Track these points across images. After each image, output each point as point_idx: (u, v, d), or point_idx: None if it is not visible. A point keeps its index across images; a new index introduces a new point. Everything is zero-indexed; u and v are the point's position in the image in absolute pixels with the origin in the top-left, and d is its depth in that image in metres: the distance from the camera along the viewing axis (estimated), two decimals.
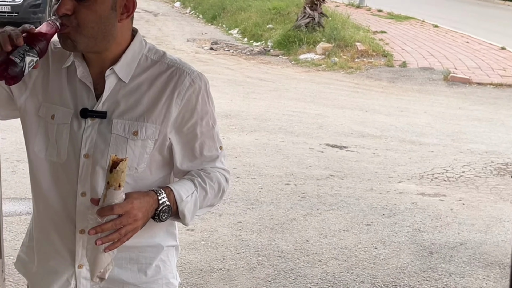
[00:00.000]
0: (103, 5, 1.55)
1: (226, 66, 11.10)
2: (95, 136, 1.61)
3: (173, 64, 1.66)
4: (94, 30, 1.55)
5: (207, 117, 1.68)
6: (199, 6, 17.75)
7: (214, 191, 1.70)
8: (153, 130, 1.62)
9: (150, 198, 1.57)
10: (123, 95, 1.62)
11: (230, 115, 7.62)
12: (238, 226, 4.56)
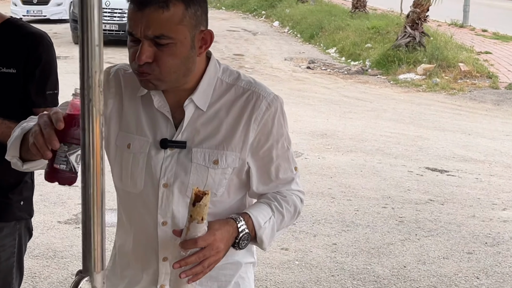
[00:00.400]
0: (183, 47, 1.51)
1: (323, 85, 11.06)
2: (174, 165, 1.60)
3: (248, 87, 1.63)
4: (176, 73, 1.53)
5: (282, 139, 1.66)
6: (297, 25, 17.84)
7: (290, 214, 1.70)
8: (233, 158, 1.61)
9: (230, 227, 1.57)
10: (202, 123, 1.61)
11: (326, 134, 7.56)
12: (333, 248, 4.48)
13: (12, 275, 2.26)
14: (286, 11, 20.02)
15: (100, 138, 0.86)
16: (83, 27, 0.82)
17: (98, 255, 0.90)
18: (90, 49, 0.82)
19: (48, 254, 4.16)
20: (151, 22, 1.46)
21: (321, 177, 6.02)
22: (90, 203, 0.88)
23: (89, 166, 0.86)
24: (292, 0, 21.21)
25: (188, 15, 1.50)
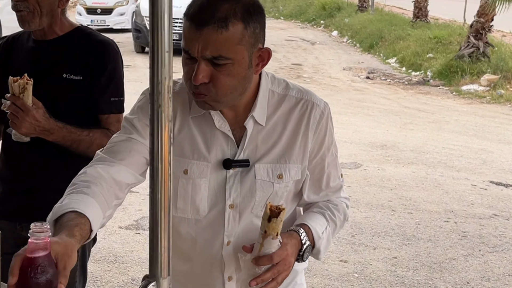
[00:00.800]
0: (240, 67, 1.46)
1: (383, 95, 10.91)
2: (239, 185, 1.57)
3: (300, 96, 1.61)
4: (233, 94, 1.49)
5: (332, 146, 1.67)
6: (356, 35, 17.70)
7: (341, 222, 1.71)
8: (296, 170, 1.60)
9: (296, 241, 1.56)
10: (262, 139, 1.58)
11: (385, 146, 7.44)
12: (393, 262, 4.39)
13: (75, 279, 2.30)
14: (345, 20, 19.90)
15: (169, 143, 0.86)
16: (154, 34, 0.82)
17: (165, 260, 0.90)
18: (160, 55, 0.83)
19: (110, 259, 4.23)
20: (209, 42, 1.41)
21: (380, 189, 5.92)
22: (157, 209, 0.88)
23: (157, 171, 0.86)
24: (351, 10, 21.08)
25: (247, 35, 1.45)
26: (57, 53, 2.20)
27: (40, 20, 2.15)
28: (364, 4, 20.73)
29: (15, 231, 2.27)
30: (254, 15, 1.46)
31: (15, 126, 2.00)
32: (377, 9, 20.49)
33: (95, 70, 2.17)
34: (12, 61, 2.27)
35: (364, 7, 20.64)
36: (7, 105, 1.99)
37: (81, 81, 2.16)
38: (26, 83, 1.97)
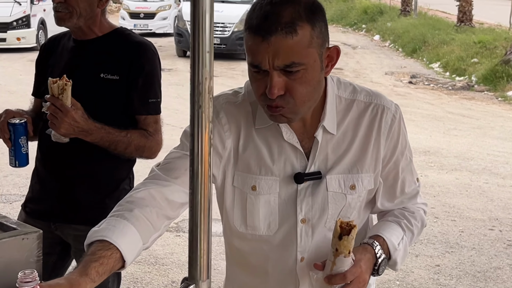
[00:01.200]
0: (314, 72, 1.38)
1: (426, 100, 10.74)
2: (310, 198, 1.50)
3: (369, 100, 1.52)
4: (310, 102, 1.42)
5: (406, 150, 1.58)
6: (399, 39, 17.50)
7: (418, 229, 1.63)
8: (369, 180, 1.52)
9: (370, 255, 1.48)
10: (332, 148, 1.50)
11: (428, 152, 7.31)
12: (436, 270, 4.30)
13: (108, 279, 2.30)
14: (387, 24, 19.70)
15: (209, 145, 0.85)
16: (195, 34, 0.81)
17: (204, 263, 0.89)
18: (201, 55, 0.82)
19: (150, 261, 4.26)
20: (279, 51, 1.32)
21: (423, 195, 5.72)
22: (197, 211, 0.87)
23: (197, 173, 0.85)
24: (394, 14, 20.86)
25: (315, 35, 1.36)
26: (95, 53, 2.22)
27: (78, 20, 2.18)
28: (407, 8, 20.50)
29: (49, 231, 2.28)
30: (316, 14, 1.38)
31: (54, 127, 2.02)
32: (420, 13, 20.22)
33: (132, 71, 2.18)
34: (52, 61, 2.30)
35: (407, 11, 20.40)
36: (47, 106, 2.01)
37: (118, 81, 2.18)
38: (65, 84, 1.99)
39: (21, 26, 14.58)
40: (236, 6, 14.28)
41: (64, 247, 2.34)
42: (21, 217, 2.38)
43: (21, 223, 1.38)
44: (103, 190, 2.26)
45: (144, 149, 2.19)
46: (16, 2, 14.65)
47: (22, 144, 2.15)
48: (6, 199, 5.27)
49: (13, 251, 1.24)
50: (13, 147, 2.14)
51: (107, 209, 2.26)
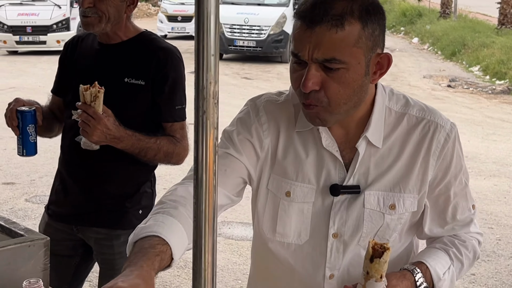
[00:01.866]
0: (355, 74, 1.29)
1: (465, 104, 10.53)
2: (345, 212, 1.41)
3: (422, 115, 1.41)
4: (347, 105, 1.32)
5: (460, 174, 1.45)
6: (438, 42, 17.22)
7: (469, 261, 1.51)
8: (411, 201, 1.42)
9: (408, 282, 1.38)
10: (375, 162, 1.41)
11: (466, 157, 7.09)
12: (471, 279, 4.18)
13: None
14: (426, 27, 19.42)
15: (214, 152, 0.81)
16: (199, 36, 0.77)
17: (208, 276, 0.85)
18: (206, 59, 0.78)
19: (180, 264, 4.24)
20: (321, 43, 1.25)
21: None
22: (201, 221, 0.83)
23: (201, 182, 0.81)
24: (433, 16, 20.55)
25: (364, 36, 1.28)
26: (120, 57, 2.22)
27: (106, 25, 2.17)
28: (447, 11, 20.18)
29: (71, 233, 2.31)
30: (373, 15, 1.29)
31: (86, 135, 2.01)
32: (460, 16, 19.88)
33: (158, 78, 2.16)
34: (77, 61, 2.30)
35: (447, 13, 20.08)
36: (79, 114, 2.00)
37: (143, 86, 2.16)
38: (98, 91, 1.98)
39: (61, 29, 14.85)
40: (272, 9, 14.25)
41: (87, 249, 2.35)
42: (44, 220, 2.40)
43: (29, 230, 1.37)
44: (124, 193, 2.26)
45: (172, 156, 2.18)
46: (56, 5, 14.92)
47: (30, 132, 2.13)
48: (40, 200, 5.34)
49: (19, 259, 1.22)
50: (20, 135, 2.13)
51: (128, 212, 2.28)
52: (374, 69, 1.33)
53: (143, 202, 2.29)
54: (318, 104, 1.30)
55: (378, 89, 1.41)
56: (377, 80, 1.35)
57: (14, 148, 7.88)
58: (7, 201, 5.32)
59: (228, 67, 13.51)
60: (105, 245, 2.27)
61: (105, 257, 2.28)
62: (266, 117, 1.44)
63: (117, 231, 2.25)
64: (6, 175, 6.00)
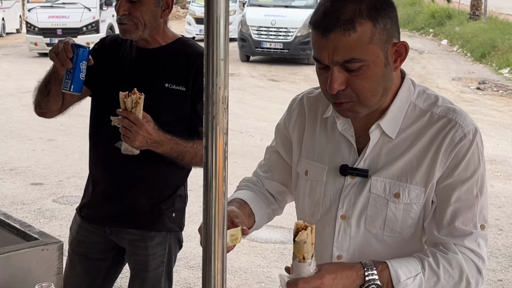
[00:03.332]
0: (376, 68, 1.36)
1: (494, 107, 10.36)
2: (353, 196, 1.46)
3: (445, 114, 1.42)
4: (375, 96, 1.38)
5: (470, 181, 1.40)
6: (467, 44, 17.00)
7: (452, 280, 1.39)
8: (417, 193, 1.42)
9: (353, 273, 1.36)
10: (387, 151, 1.45)
11: (495, 161, 7.04)
12: (499, 284, 4.11)
13: (161, 284, 2.31)
14: (455, 29, 19.18)
15: (223, 157, 0.81)
16: (208, 41, 0.77)
17: (218, 283, 0.84)
18: (215, 63, 0.77)
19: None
20: (338, 47, 1.34)
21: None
22: (211, 227, 0.82)
23: (211, 187, 0.81)
24: (463, 18, 20.29)
25: (377, 32, 1.35)
26: (159, 63, 2.21)
27: (143, 32, 2.17)
28: (476, 12, 19.91)
29: (104, 236, 2.33)
30: (382, 10, 1.36)
31: (128, 140, 2.02)
32: (490, 17, 19.59)
33: (197, 83, 2.16)
34: (112, 61, 2.28)
35: (477, 15, 19.81)
36: (119, 120, 2.01)
37: (184, 92, 2.17)
38: (138, 98, 1.99)
39: (91, 31, 15.04)
40: (299, 11, 14.22)
41: (118, 252, 2.37)
42: (75, 222, 2.41)
43: (44, 233, 1.38)
44: (159, 195, 2.27)
45: None
46: (86, 8, 15.11)
47: (82, 69, 2.10)
48: (68, 201, 5.39)
49: (33, 262, 1.23)
50: (72, 70, 2.09)
51: (163, 215, 2.29)
52: (393, 58, 1.39)
53: (177, 205, 2.31)
54: (349, 100, 1.38)
55: (404, 83, 1.46)
56: (399, 66, 1.42)
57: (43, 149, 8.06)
58: (35, 202, 5.39)
59: (255, 69, 13.51)
60: (139, 246, 2.29)
61: (138, 258, 2.30)
62: (298, 110, 1.60)
63: (151, 233, 2.27)
64: (35, 176, 6.08)
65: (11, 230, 1.41)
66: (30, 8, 15.35)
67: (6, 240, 1.36)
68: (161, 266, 2.29)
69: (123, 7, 2.13)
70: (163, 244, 2.29)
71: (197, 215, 5.05)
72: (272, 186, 1.69)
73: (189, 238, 4.61)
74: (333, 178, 1.49)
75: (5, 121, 8.34)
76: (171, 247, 2.31)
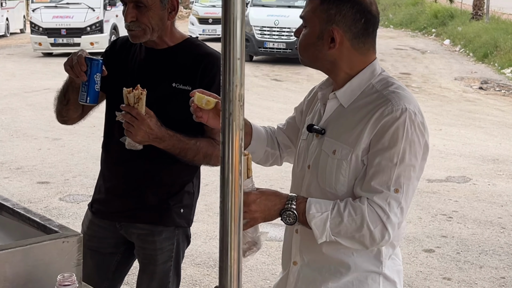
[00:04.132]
0: (311, 33, 1.73)
1: (496, 107, 10.39)
2: (315, 150, 1.76)
3: (387, 95, 1.67)
4: (306, 53, 1.76)
5: (392, 151, 1.63)
6: (469, 44, 17.01)
7: (355, 224, 1.63)
8: (347, 152, 1.68)
9: (277, 199, 1.66)
10: (338, 117, 1.74)
11: (497, 160, 7.06)
12: (501, 282, 4.14)
13: (169, 279, 2.35)
14: (458, 29, 19.19)
15: (239, 153, 0.84)
16: (225, 41, 0.81)
17: (234, 272, 0.88)
18: (232, 62, 0.81)
19: (209, 263, 4.29)
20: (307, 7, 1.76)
21: (490, 205, 5.63)
22: (227, 219, 0.86)
23: (228, 181, 0.85)
24: (465, 18, 20.29)
25: (319, 9, 1.71)
26: (167, 63, 2.26)
27: (151, 35, 2.22)
28: (479, 12, 19.91)
29: (115, 231, 2.37)
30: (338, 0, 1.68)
31: (131, 135, 2.08)
32: (493, 17, 19.60)
33: (204, 82, 2.20)
34: (125, 63, 2.34)
35: (479, 15, 19.82)
36: (123, 115, 2.07)
37: (190, 92, 2.19)
38: (140, 93, 2.05)
39: (95, 31, 15.08)
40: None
41: (128, 246, 2.41)
42: (87, 217, 2.46)
43: (63, 226, 1.42)
44: (167, 191, 2.32)
45: (211, 158, 2.24)
46: (90, 8, 15.15)
47: (97, 81, 2.16)
48: (74, 199, 5.44)
49: (53, 254, 1.27)
50: (87, 82, 2.16)
51: (171, 210, 2.34)
52: (328, 40, 1.70)
53: (185, 201, 2.35)
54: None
55: (368, 67, 1.74)
56: (333, 50, 1.71)
57: (48, 148, 8.08)
58: (42, 200, 5.44)
59: (258, 69, 13.55)
60: (147, 241, 2.33)
61: (146, 252, 2.35)
62: (308, 94, 1.93)
63: (159, 227, 2.32)
64: (41, 175, 6.13)
65: (31, 223, 1.45)
66: (34, 8, 15.41)
67: (27, 233, 1.40)
68: (169, 260, 2.34)
69: (130, 14, 2.18)
70: (171, 239, 2.33)
71: (201, 213, 5.09)
72: (281, 136, 2.00)
73: (195, 236, 4.64)
74: (307, 136, 1.81)
75: (11, 120, 8.40)
76: (179, 242, 2.36)
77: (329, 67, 1.75)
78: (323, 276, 1.76)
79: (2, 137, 7.55)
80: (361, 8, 1.70)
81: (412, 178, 1.66)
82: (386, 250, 1.74)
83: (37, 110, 8.90)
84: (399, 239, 1.78)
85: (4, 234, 1.51)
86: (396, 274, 1.79)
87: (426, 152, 1.70)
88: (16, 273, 1.22)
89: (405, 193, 1.64)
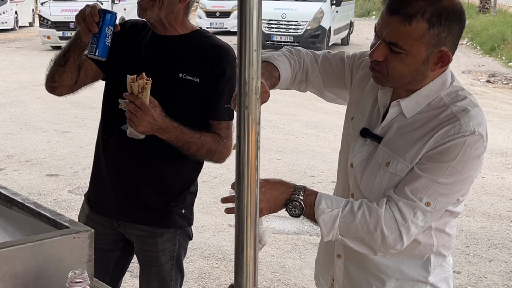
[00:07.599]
0: (414, 60, 1.55)
1: (504, 100, 10.33)
2: (366, 154, 1.66)
3: (456, 111, 1.55)
4: (401, 80, 1.59)
5: (439, 166, 1.53)
6: (477, 37, 16.91)
7: (367, 227, 1.54)
8: (403, 167, 1.57)
9: (284, 188, 1.58)
10: (397, 127, 1.62)
11: (505, 153, 7.02)
12: (511, 276, 4.12)
13: (171, 277, 2.29)
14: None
15: (256, 147, 0.83)
16: (242, 32, 0.79)
17: (250, 270, 0.86)
18: (248, 54, 0.79)
19: (218, 256, 4.28)
20: (391, 29, 1.54)
21: (499, 198, 5.59)
22: (243, 215, 0.84)
23: (243, 176, 0.83)
24: (473, 11, 20.18)
25: (428, 35, 1.53)
26: (175, 52, 2.19)
27: (159, 11, 2.14)
28: (486, 6, 19.80)
29: (113, 228, 2.30)
30: (444, 20, 1.53)
31: (133, 125, 2.01)
32: (500, 11, 19.47)
33: (213, 74, 2.15)
34: (129, 45, 2.25)
35: (486, 8, 19.72)
36: (126, 104, 2.00)
37: (198, 84, 2.15)
38: (145, 83, 1.98)
39: None
40: (309, 4, 14.19)
41: (127, 243, 2.35)
42: (84, 211, 2.38)
43: (74, 222, 1.40)
44: (169, 192, 2.25)
45: (214, 153, 2.17)
46: (99, 1, 15.13)
47: (108, 34, 2.09)
48: (83, 192, 5.39)
49: (65, 250, 1.25)
50: (97, 34, 2.08)
51: (173, 211, 2.26)
52: (435, 61, 1.56)
53: (186, 202, 2.29)
54: (380, 71, 1.59)
55: (439, 78, 1.61)
56: (437, 69, 1.58)
57: (58, 141, 8.07)
58: (51, 193, 5.44)
59: None
60: (148, 243, 2.27)
61: (147, 254, 2.28)
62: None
63: (161, 229, 2.25)
64: (50, 167, 6.13)
65: (42, 218, 1.43)
66: (43, 2, 15.39)
67: (37, 228, 1.38)
68: (171, 260, 2.28)
69: None
70: (173, 240, 2.27)
71: (210, 206, 5.08)
72: (314, 76, 1.87)
73: (204, 228, 4.65)
74: (357, 133, 1.71)
75: (20, 113, 8.40)
76: (180, 242, 2.30)
77: (412, 84, 1.61)
78: (367, 279, 1.71)
79: (12, 129, 7.55)
80: (463, 19, 1.59)
81: (448, 198, 1.57)
82: (435, 260, 1.67)
83: (46, 103, 8.89)
84: (450, 248, 1.71)
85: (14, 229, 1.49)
86: (444, 282, 1.72)
87: (472, 181, 1.61)
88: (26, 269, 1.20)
89: (434, 210, 1.56)
